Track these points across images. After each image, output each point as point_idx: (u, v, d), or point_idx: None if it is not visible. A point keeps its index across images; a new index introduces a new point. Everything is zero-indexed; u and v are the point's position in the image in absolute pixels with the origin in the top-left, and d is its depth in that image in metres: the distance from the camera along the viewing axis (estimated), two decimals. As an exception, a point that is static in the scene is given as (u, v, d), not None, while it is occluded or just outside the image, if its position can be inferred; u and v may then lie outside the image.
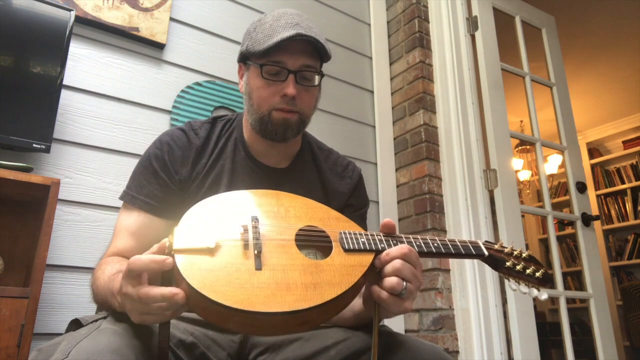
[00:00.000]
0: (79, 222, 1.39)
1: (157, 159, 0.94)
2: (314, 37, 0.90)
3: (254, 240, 0.68)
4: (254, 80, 0.95)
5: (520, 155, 4.67)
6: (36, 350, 0.69)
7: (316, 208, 0.80)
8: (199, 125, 1.01)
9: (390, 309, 0.70)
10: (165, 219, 0.92)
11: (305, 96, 0.95)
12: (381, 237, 0.75)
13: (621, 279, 4.52)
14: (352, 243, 0.73)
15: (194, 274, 0.61)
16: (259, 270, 0.64)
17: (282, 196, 0.80)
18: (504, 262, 0.80)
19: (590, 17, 3.28)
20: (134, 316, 0.64)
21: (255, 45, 0.93)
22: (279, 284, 0.63)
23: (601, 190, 4.82)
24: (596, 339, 2.02)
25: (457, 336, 1.82)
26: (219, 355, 0.79)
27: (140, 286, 0.61)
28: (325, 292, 0.64)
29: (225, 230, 0.68)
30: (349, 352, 0.77)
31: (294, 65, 0.92)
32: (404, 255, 0.70)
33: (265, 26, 0.94)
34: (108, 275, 0.77)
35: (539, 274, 0.80)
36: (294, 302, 0.61)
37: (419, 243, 0.77)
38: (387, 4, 2.45)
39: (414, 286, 0.71)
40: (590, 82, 4.08)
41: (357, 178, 1.10)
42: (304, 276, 0.65)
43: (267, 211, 0.75)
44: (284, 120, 0.93)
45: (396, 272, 0.69)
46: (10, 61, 1.26)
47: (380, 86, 2.27)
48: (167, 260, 0.62)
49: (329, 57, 0.97)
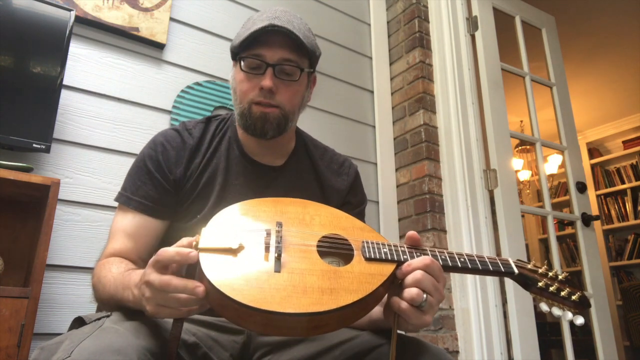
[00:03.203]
0: (79, 222, 1.39)
1: (152, 160, 0.94)
2: (287, 28, 0.90)
3: (276, 244, 0.69)
4: (237, 75, 0.96)
5: (520, 155, 4.67)
6: (38, 348, 0.69)
7: (341, 217, 0.81)
8: (193, 125, 1.02)
9: (409, 320, 0.69)
10: (161, 219, 0.93)
11: (285, 91, 0.94)
12: (404, 249, 0.74)
13: (621, 279, 4.52)
14: (373, 252, 0.72)
15: (215, 272, 0.63)
16: (277, 273, 0.65)
17: (309, 205, 0.81)
18: (536, 282, 0.76)
19: (590, 17, 3.28)
20: (151, 306, 0.64)
21: (236, 39, 0.96)
22: (296, 287, 0.64)
23: (601, 190, 4.82)
24: (596, 339, 2.02)
25: (457, 336, 1.82)
26: (221, 356, 0.79)
27: (165, 275, 0.63)
28: (340, 297, 0.64)
29: (250, 233, 0.70)
30: (354, 352, 0.77)
31: (272, 58, 0.92)
32: (425, 266, 0.69)
33: (249, 21, 0.96)
34: (119, 272, 0.78)
35: (575, 297, 0.76)
36: (308, 304, 0.62)
37: (444, 257, 0.75)
38: (387, 4, 2.45)
39: (435, 299, 0.69)
40: (590, 82, 4.08)
41: (353, 175, 1.10)
42: (322, 281, 0.66)
43: (293, 218, 0.76)
44: (262, 115, 0.93)
45: (417, 283, 0.68)
46: (10, 61, 1.26)
47: (380, 86, 2.27)
48: (192, 253, 0.64)
49: (314, 53, 0.97)
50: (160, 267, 0.64)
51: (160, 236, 0.94)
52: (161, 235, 0.94)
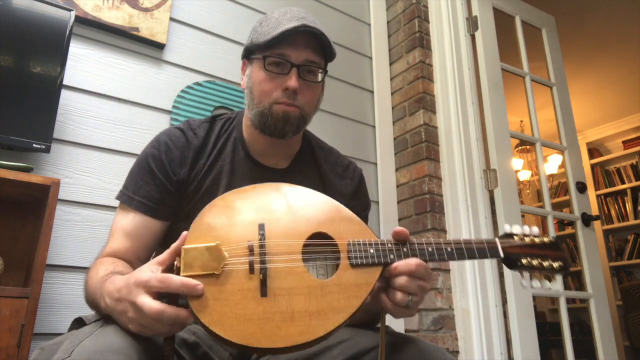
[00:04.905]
0: (79, 222, 1.39)
1: (155, 159, 0.93)
2: (319, 29, 0.90)
3: (260, 264, 0.68)
4: (257, 74, 0.94)
5: (520, 155, 4.66)
6: (38, 348, 0.68)
7: (326, 205, 0.78)
8: (198, 124, 1.00)
9: (395, 316, 0.74)
10: (162, 220, 0.92)
11: (307, 92, 0.93)
12: (391, 246, 0.74)
13: (621, 279, 4.52)
14: (360, 258, 0.72)
15: (202, 306, 0.63)
16: (264, 297, 0.65)
17: (291, 192, 0.78)
18: (520, 259, 0.78)
19: (590, 17, 3.28)
20: (134, 326, 0.64)
21: (259, 38, 0.93)
22: (284, 314, 0.65)
23: (601, 190, 4.82)
24: (596, 339, 2.02)
25: (457, 336, 1.82)
26: (221, 355, 0.79)
27: (155, 303, 0.62)
28: (329, 320, 0.66)
29: (232, 248, 0.68)
30: (352, 352, 0.77)
31: (297, 58, 0.91)
32: (411, 272, 0.71)
33: (271, 20, 0.94)
34: (100, 276, 0.77)
35: (557, 265, 0.78)
36: (297, 334, 0.63)
37: (430, 250, 0.76)
38: (387, 4, 2.44)
39: (420, 298, 0.73)
40: (590, 82, 4.08)
41: (358, 179, 1.09)
42: (309, 302, 0.66)
43: (274, 218, 0.73)
44: (284, 114, 0.91)
45: (402, 288, 0.71)
46: (10, 61, 1.26)
47: (380, 86, 2.27)
48: (199, 286, 0.63)
49: (334, 55, 0.96)
50: (156, 291, 0.63)
51: (160, 237, 0.93)
52: (161, 235, 0.93)
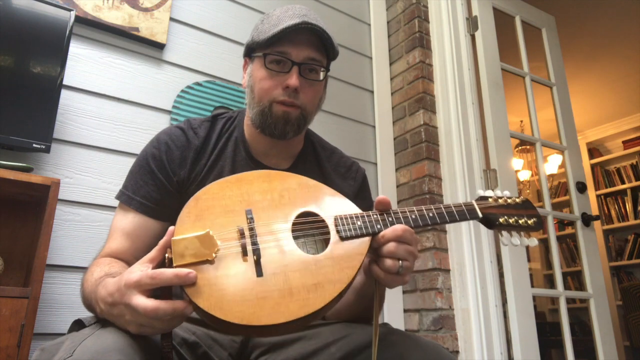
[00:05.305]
0: (79, 222, 1.39)
1: (155, 159, 0.92)
2: (321, 27, 0.90)
3: (252, 246, 0.68)
4: (257, 72, 0.93)
5: (520, 155, 4.66)
6: (39, 349, 0.68)
7: (310, 187, 0.80)
8: (199, 123, 0.99)
9: (389, 285, 0.75)
10: (162, 221, 0.91)
11: (309, 91, 0.93)
12: (377, 217, 0.77)
13: (621, 279, 4.52)
14: (348, 230, 0.74)
15: (199, 293, 0.62)
16: (260, 277, 0.65)
17: (274, 178, 0.79)
18: (497, 219, 0.84)
19: (590, 17, 3.28)
20: (133, 327, 0.64)
21: (260, 35, 0.92)
22: (282, 290, 0.64)
23: (601, 190, 4.82)
24: (596, 339, 2.02)
25: (457, 336, 1.82)
26: (220, 355, 0.79)
27: (150, 301, 0.61)
28: (326, 292, 0.66)
29: (222, 234, 0.69)
30: (350, 348, 0.77)
31: (298, 56, 0.90)
32: (398, 237, 0.73)
33: (273, 17, 0.93)
34: (95, 279, 0.76)
35: (532, 222, 0.85)
36: (298, 309, 0.63)
37: (414, 216, 0.79)
38: (387, 4, 2.45)
39: (411, 262, 0.74)
40: (590, 82, 4.08)
41: (361, 179, 1.08)
42: (305, 277, 0.67)
43: (261, 200, 0.75)
44: (285, 114, 0.90)
45: (391, 254, 0.72)
46: (10, 61, 1.26)
47: (380, 86, 2.27)
48: (191, 274, 0.61)
49: (336, 53, 0.96)
50: (149, 289, 0.62)
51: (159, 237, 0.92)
52: (160, 236, 0.92)
